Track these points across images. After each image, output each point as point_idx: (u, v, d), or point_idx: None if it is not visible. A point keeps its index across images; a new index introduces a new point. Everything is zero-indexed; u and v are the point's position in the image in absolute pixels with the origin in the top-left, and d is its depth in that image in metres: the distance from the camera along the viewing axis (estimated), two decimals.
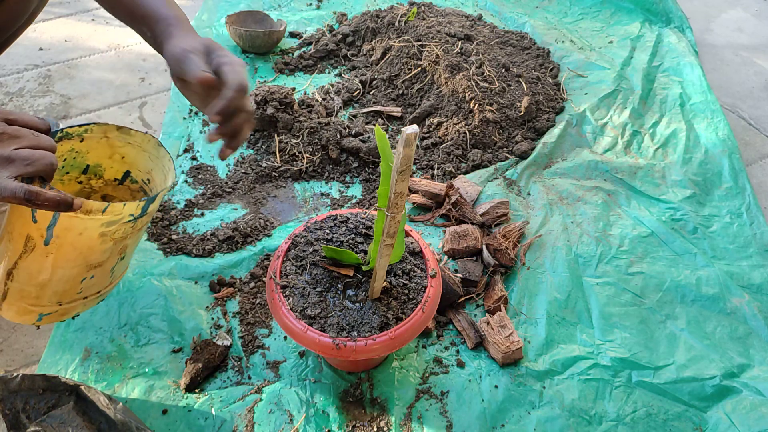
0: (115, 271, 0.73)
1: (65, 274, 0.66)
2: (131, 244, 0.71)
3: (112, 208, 0.60)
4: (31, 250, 0.63)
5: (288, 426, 0.82)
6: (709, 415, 0.86)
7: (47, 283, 0.66)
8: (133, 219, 0.64)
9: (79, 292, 0.69)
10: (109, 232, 0.63)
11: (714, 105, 1.40)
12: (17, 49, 1.05)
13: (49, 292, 0.67)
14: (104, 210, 0.59)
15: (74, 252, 0.63)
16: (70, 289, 0.68)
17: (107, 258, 0.67)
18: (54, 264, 0.64)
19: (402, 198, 0.62)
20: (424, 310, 0.76)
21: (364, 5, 1.77)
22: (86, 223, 0.60)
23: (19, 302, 0.67)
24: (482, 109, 1.30)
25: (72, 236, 0.61)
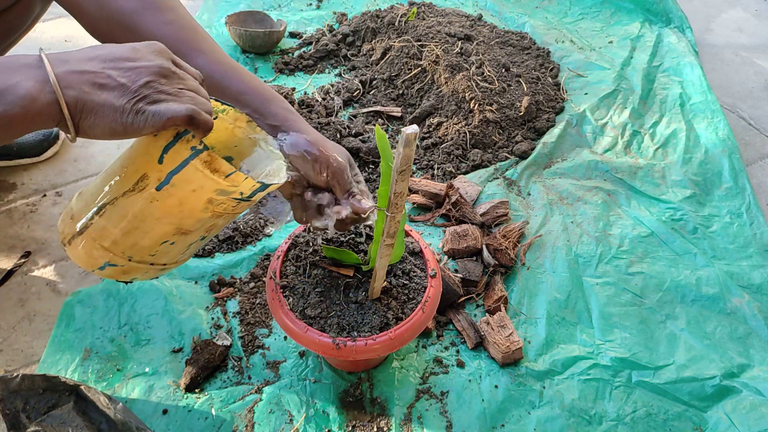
0: (189, 250, 0.71)
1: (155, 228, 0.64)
2: (218, 227, 0.70)
3: (235, 176, 0.60)
4: (140, 191, 0.61)
5: (288, 426, 0.82)
6: (709, 415, 0.86)
7: (133, 231, 0.64)
8: (240, 199, 0.63)
9: (152, 255, 0.67)
10: (216, 201, 0.62)
11: (714, 105, 1.40)
12: (17, 49, 1.06)
13: (128, 242, 0.65)
14: (228, 175, 0.59)
15: (177, 207, 0.62)
16: (148, 245, 0.66)
17: (196, 229, 0.66)
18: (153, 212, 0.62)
19: (402, 198, 0.62)
20: (424, 310, 0.76)
21: (364, 5, 1.77)
22: (206, 182, 0.60)
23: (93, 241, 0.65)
24: (482, 109, 1.30)
25: (185, 190, 0.60)
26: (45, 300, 0.99)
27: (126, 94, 0.52)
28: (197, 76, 0.60)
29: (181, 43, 0.74)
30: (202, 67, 0.73)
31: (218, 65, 0.75)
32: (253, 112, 0.74)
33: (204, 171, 0.58)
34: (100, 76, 0.52)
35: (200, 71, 0.73)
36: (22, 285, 1.01)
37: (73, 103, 0.51)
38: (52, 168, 1.23)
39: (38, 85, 0.51)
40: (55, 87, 0.50)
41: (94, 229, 0.64)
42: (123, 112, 0.52)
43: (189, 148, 0.57)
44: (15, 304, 0.98)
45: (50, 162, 1.24)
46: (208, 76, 0.74)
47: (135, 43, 0.56)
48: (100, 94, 0.52)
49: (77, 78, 0.52)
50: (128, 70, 0.53)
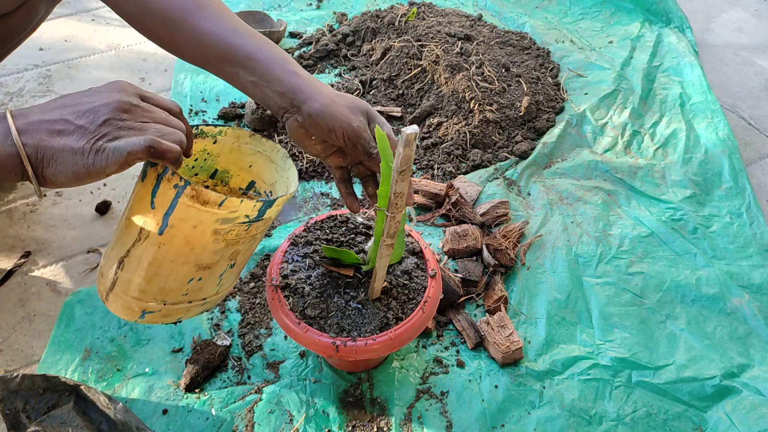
0: (224, 280, 0.70)
1: (174, 270, 0.64)
2: (243, 252, 0.68)
3: (228, 203, 0.59)
4: (144, 239, 0.61)
5: (288, 426, 0.82)
6: (709, 415, 0.86)
7: (154, 277, 0.64)
8: (248, 222, 0.62)
9: (185, 294, 0.67)
10: (222, 230, 0.61)
11: (714, 105, 1.40)
12: (17, 49, 1.06)
13: (155, 288, 0.65)
14: (221, 203, 0.58)
15: (186, 246, 0.62)
16: (176, 288, 0.66)
17: (217, 261, 0.65)
18: (165, 256, 0.62)
19: (402, 198, 0.62)
20: (424, 310, 0.76)
21: (364, 5, 1.77)
22: (202, 215, 0.59)
23: (125, 295, 0.66)
24: (482, 109, 1.30)
25: (186, 228, 0.60)
26: (45, 300, 0.99)
27: (85, 135, 0.51)
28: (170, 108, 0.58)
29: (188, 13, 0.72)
30: (207, 32, 0.71)
31: (223, 30, 0.72)
32: (259, 80, 0.71)
33: (195, 206, 0.58)
34: (58, 123, 0.52)
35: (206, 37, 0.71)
36: (22, 285, 1.01)
37: (33, 153, 0.51)
38: None
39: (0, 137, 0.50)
40: (15, 138, 0.50)
41: (120, 283, 0.65)
42: (83, 154, 0.51)
43: (172, 186, 0.57)
44: (15, 304, 0.98)
45: None
46: (213, 44, 0.71)
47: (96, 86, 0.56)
48: (59, 140, 0.51)
49: (36, 127, 0.52)
50: (86, 112, 0.52)
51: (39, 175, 0.52)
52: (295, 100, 0.70)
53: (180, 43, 0.74)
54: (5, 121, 0.51)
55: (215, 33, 0.71)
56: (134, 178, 1.21)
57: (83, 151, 0.51)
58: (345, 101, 0.71)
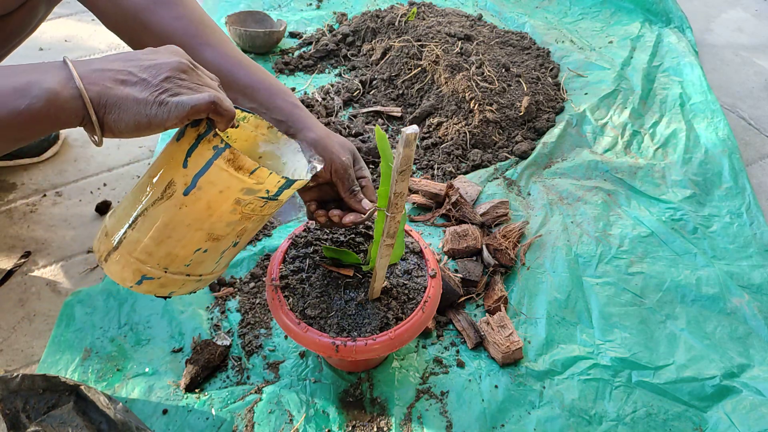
0: (223, 258, 0.71)
1: (187, 235, 0.64)
2: (249, 231, 0.69)
3: (260, 172, 0.60)
4: (168, 198, 0.61)
5: (288, 426, 0.82)
6: (709, 415, 0.86)
7: (165, 240, 0.64)
8: (266, 198, 0.64)
9: (187, 265, 0.67)
10: (243, 201, 0.63)
11: (714, 105, 1.40)
12: (17, 49, 1.06)
13: (162, 252, 0.65)
14: (253, 171, 0.60)
15: (206, 212, 0.62)
16: (181, 255, 0.66)
17: (227, 234, 0.66)
18: (183, 219, 0.62)
19: (402, 198, 0.62)
20: (424, 310, 0.76)
21: (364, 5, 1.77)
22: (231, 181, 0.60)
23: (129, 255, 0.65)
24: (482, 109, 1.30)
25: (212, 192, 0.61)
26: (45, 300, 0.99)
27: (148, 87, 0.53)
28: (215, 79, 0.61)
29: (189, 38, 0.75)
30: (210, 61, 0.74)
31: (226, 59, 0.76)
32: (259, 107, 0.75)
33: (228, 170, 0.59)
34: (121, 73, 0.54)
35: (208, 64, 0.73)
36: (22, 285, 1.01)
37: (96, 98, 0.52)
38: (52, 168, 1.23)
39: (62, 81, 0.52)
40: (78, 82, 0.52)
41: (128, 242, 0.64)
42: (146, 104, 0.53)
43: (211, 147, 0.58)
44: (15, 304, 0.98)
45: (50, 162, 1.24)
46: (215, 70, 0.74)
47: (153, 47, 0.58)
48: (123, 89, 0.53)
49: (99, 75, 0.53)
50: (148, 67, 0.54)
51: (100, 120, 0.53)
52: (291, 129, 0.74)
53: None
54: (66, 67, 0.53)
55: (217, 62, 0.75)
56: (134, 179, 1.21)
57: (146, 102, 0.53)
58: (337, 138, 0.76)
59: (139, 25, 0.77)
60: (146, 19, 0.76)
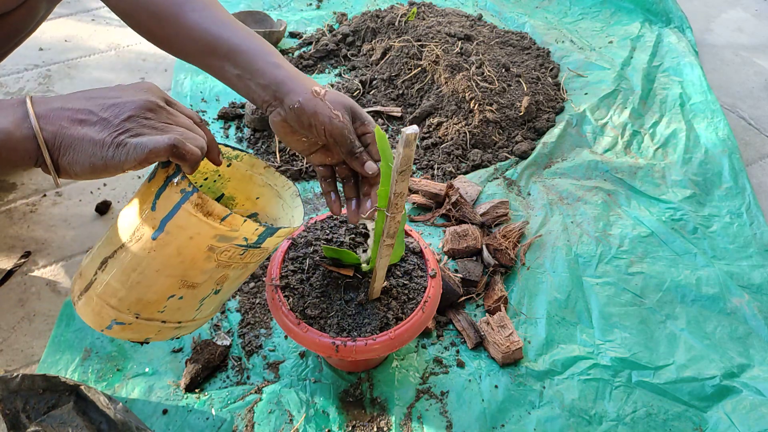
0: (204, 307, 0.67)
1: (157, 281, 0.61)
2: (231, 280, 0.65)
3: (232, 219, 0.56)
4: (136, 241, 0.59)
5: (288, 426, 0.82)
6: (709, 415, 0.86)
7: (135, 286, 0.61)
8: (246, 246, 0.60)
9: (161, 311, 0.64)
10: (217, 248, 0.59)
11: (714, 105, 1.40)
12: (17, 49, 1.06)
13: (133, 297, 0.62)
14: (224, 218, 0.56)
15: (177, 257, 0.59)
16: (154, 301, 0.63)
17: (203, 282, 0.62)
18: (152, 263, 0.59)
19: (402, 198, 0.62)
20: (424, 310, 0.76)
21: (364, 5, 1.77)
22: (201, 227, 0.57)
23: (99, 298, 0.63)
24: (482, 109, 1.30)
25: (182, 238, 0.57)
26: (45, 300, 0.99)
27: (107, 128, 0.51)
28: (192, 117, 0.58)
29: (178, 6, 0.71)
30: (194, 25, 0.70)
31: (210, 22, 0.71)
32: (243, 72, 0.70)
33: (197, 215, 0.56)
34: (81, 113, 0.51)
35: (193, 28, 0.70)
36: (22, 285, 1.01)
37: (51, 139, 0.50)
38: None
39: (17, 120, 0.50)
40: (33, 122, 0.50)
41: (98, 284, 0.62)
42: (103, 146, 0.50)
43: (179, 191, 0.55)
44: (15, 304, 0.98)
45: None
46: (200, 36, 0.70)
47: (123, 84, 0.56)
48: (79, 129, 0.51)
49: (57, 114, 0.51)
50: (111, 106, 0.52)
51: (54, 162, 0.51)
52: (277, 93, 0.68)
53: (170, 37, 0.73)
54: (24, 105, 0.51)
55: (202, 25, 0.70)
56: (134, 179, 1.21)
57: (104, 144, 0.50)
58: (330, 95, 0.69)
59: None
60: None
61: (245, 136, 1.29)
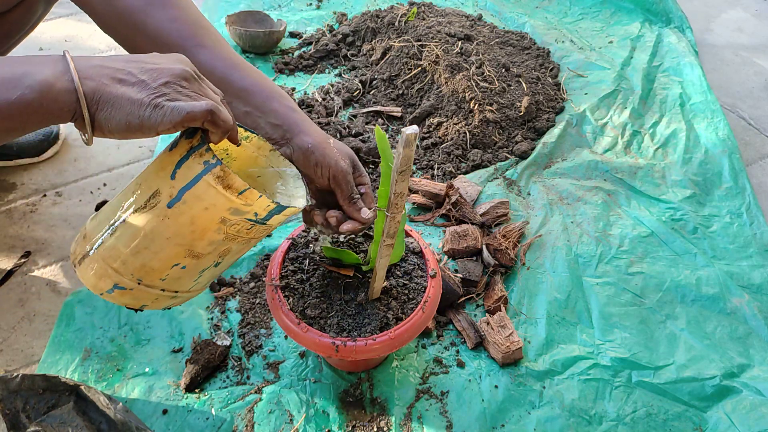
0: (202, 278, 0.68)
1: (165, 248, 0.62)
2: (232, 253, 0.67)
3: (249, 193, 0.58)
4: (151, 207, 0.60)
5: (288, 426, 0.82)
6: (709, 415, 0.86)
7: (142, 251, 0.62)
8: (254, 221, 0.62)
9: (163, 279, 0.65)
10: (229, 221, 0.61)
11: (714, 105, 1.40)
12: (17, 49, 1.06)
13: (138, 262, 0.63)
14: (242, 192, 0.58)
15: (189, 227, 0.60)
16: (158, 268, 0.64)
17: (208, 253, 0.64)
18: (163, 231, 0.60)
19: (402, 198, 0.62)
20: (424, 310, 0.76)
21: (364, 5, 1.77)
22: (218, 199, 0.58)
23: (103, 261, 0.63)
24: (482, 109, 1.30)
25: (197, 208, 0.59)
26: (45, 300, 0.99)
27: (145, 89, 0.52)
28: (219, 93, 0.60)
29: (183, 40, 0.74)
30: (204, 63, 0.73)
31: (221, 61, 0.74)
32: (254, 110, 0.73)
33: (217, 187, 0.57)
34: (121, 72, 0.53)
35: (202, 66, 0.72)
36: (22, 285, 1.01)
37: (91, 93, 0.51)
38: (52, 168, 1.23)
39: (57, 73, 0.51)
40: (74, 75, 0.51)
41: (104, 248, 0.63)
42: (141, 106, 0.51)
43: (202, 162, 0.56)
44: (15, 304, 0.98)
45: (50, 162, 1.24)
46: (210, 72, 0.73)
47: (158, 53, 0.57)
48: (119, 87, 0.52)
49: (98, 71, 0.52)
50: (150, 70, 0.53)
51: (91, 116, 0.52)
52: (287, 133, 0.72)
53: None
54: (65, 59, 0.52)
55: (212, 64, 0.73)
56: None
57: (141, 103, 0.51)
58: (336, 143, 0.75)
59: (133, 26, 0.75)
60: (140, 21, 0.74)
61: None
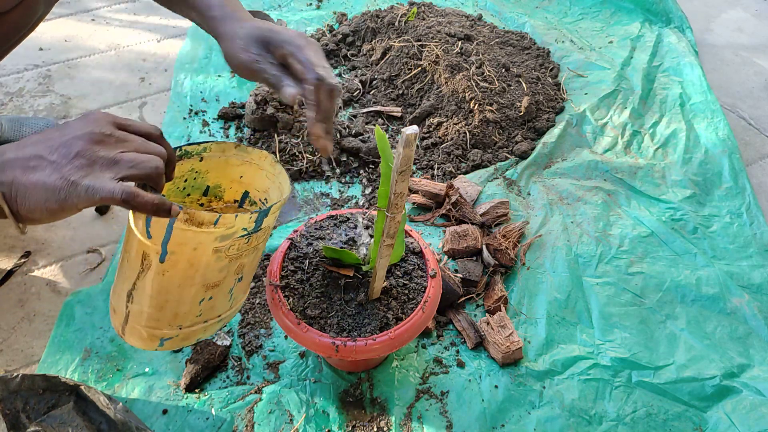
0: (235, 294, 0.70)
1: (183, 293, 0.64)
2: (248, 263, 0.68)
3: (223, 220, 0.57)
4: (148, 269, 0.61)
5: (288, 426, 0.82)
6: (709, 415, 0.86)
7: (165, 304, 0.64)
8: (248, 234, 0.62)
9: (199, 315, 0.67)
10: (223, 247, 0.61)
11: (714, 105, 1.40)
12: (17, 49, 1.05)
13: (169, 314, 0.65)
14: (216, 222, 0.57)
15: (191, 269, 0.62)
16: (189, 311, 0.66)
17: (224, 277, 0.65)
18: (171, 282, 0.62)
19: (402, 198, 0.62)
20: (424, 310, 0.76)
21: (364, 5, 1.77)
22: (200, 237, 0.58)
23: (140, 326, 0.66)
24: (482, 109, 1.30)
25: (187, 251, 0.60)
26: (45, 300, 0.99)
27: (57, 170, 0.51)
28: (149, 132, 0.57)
29: None
30: None
31: None
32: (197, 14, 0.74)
33: (191, 228, 0.57)
34: (32, 159, 0.52)
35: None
36: (22, 285, 1.01)
37: (8, 191, 0.51)
38: None
39: None
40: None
41: (133, 315, 0.66)
42: (55, 190, 0.51)
43: None
44: (15, 304, 0.98)
45: None
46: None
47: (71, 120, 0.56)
48: (32, 176, 0.51)
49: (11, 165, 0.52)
50: (59, 146, 0.52)
51: (15, 212, 0.52)
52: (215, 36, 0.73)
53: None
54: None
55: None
56: None
57: (56, 187, 0.51)
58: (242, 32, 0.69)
59: None
60: None
61: (245, 136, 1.29)
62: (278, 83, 0.67)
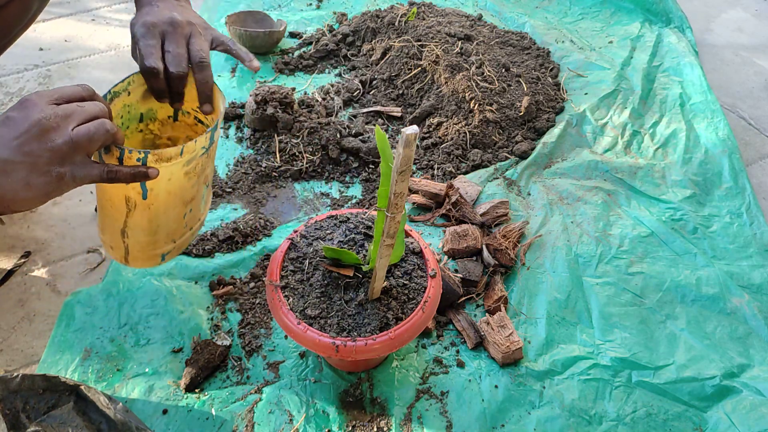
0: (207, 197, 0.84)
1: (169, 216, 0.75)
2: (210, 172, 0.81)
3: (187, 148, 0.68)
4: (134, 208, 0.71)
5: (288, 426, 0.82)
6: (709, 415, 0.86)
7: (158, 229, 0.76)
8: (206, 150, 0.72)
9: (185, 226, 0.80)
10: (190, 169, 0.72)
11: (714, 105, 1.40)
12: (17, 49, 1.06)
13: (163, 235, 0.77)
14: (181, 152, 0.67)
15: (170, 196, 0.72)
16: (177, 227, 0.78)
17: (197, 191, 0.77)
18: (157, 212, 0.73)
19: (402, 198, 0.62)
20: (424, 310, 0.76)
21: (364, 5, 1.77)
22: (171, 168, 0.68)
23: (140, 252, 0.78)
24: (482, 109, 1.30)
25: (163, 184, 0.70)
26: (45, 300, 0.99)
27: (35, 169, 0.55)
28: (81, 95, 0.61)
29: None
30: None
31: None
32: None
33: (162, 164, 0.66)
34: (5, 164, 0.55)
35: None
36: (22, 285, 1.01)
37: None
38: None
39: None
40: None
41: (132, 247, 0.78)
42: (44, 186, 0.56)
43: (135, 160, 0.65)
44: (15, 304, 0.98)
45: None
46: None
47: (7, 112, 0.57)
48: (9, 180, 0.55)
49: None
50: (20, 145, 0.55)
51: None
52: None
53: None
54: None
55: None
56: None
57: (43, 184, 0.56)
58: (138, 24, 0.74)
59: None
60: None
61: (245, 136, 1.29)
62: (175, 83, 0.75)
